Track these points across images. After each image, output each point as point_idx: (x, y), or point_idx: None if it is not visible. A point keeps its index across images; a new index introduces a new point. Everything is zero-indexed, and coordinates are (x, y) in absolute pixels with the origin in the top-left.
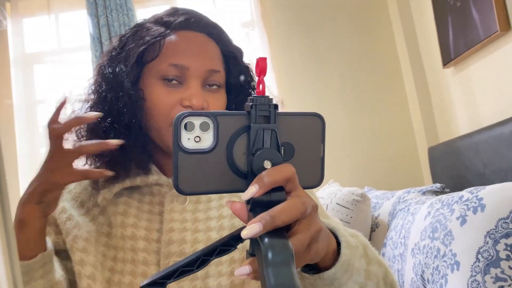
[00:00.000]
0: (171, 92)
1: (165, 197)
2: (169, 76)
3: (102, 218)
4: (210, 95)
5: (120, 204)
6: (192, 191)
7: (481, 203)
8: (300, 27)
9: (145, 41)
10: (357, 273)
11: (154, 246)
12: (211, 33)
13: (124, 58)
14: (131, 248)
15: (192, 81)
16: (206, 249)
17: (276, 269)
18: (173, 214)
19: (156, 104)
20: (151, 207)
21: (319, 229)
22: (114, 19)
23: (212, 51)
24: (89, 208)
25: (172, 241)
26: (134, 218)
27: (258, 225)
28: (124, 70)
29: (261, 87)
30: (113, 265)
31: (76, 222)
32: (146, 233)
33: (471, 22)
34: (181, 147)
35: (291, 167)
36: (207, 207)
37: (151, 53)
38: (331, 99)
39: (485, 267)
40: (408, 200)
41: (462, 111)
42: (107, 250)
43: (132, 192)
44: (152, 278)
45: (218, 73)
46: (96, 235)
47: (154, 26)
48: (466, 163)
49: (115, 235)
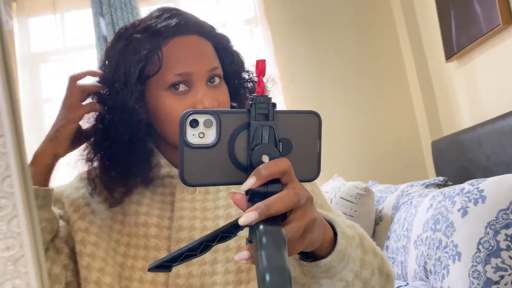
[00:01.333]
0: (182, 99)
1: (176, 187)
2: (176, 85)
3: (117, 207)
4: (215, 91)
5: (134, 194)
6: (197, 183)
7: (482, 195)
8: (303, 23)
9: (143, 55)
10: (352, 262)
11: (165, 233)
12: (202, 32)
13: (123, 77)
14: (143, 235)
15: (198, 85)
16: (209, 236)
17: (269, 252)
18: (183, 203)
19: (170, 113)
20: (163, 197)
21: (313, 219)
22: (119, 18)
23: (207, 49)
24: (106, 197)
25: (182, 227)
26: (147, 207)
27: (254, 213)
28: (125, 90)
29: (260, 86)
30: (126, 250)
31: (93, 209)
32: (158, 220)
33: (474, 15)
34: (187, 142)
35: (286, 161)
36: (215, 197)
37: (152, 67)
38: (335, 94)
39: (485, 257)
40: (411, 194)
41: (465, 104)
42: (120, 236)
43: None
44: (159, 262)
45: (218, 69)
46: (111, 222)
47: (146, 37)
48: (469, 156)
49: (128, 223)
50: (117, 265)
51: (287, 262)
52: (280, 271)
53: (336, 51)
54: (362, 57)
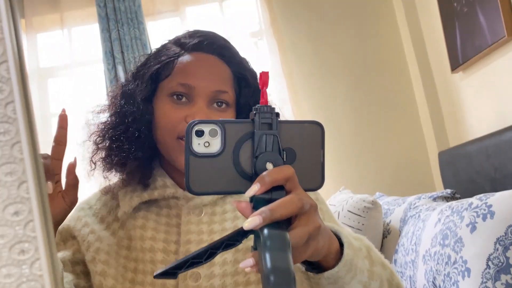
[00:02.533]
0: (178, 108)
1: (182, 209)
2: (177, 94)
3: (122, 232)
4: (216, 114)
5: (139, 218)
6: (202, 191)
7: (490, 210)
8: (309, 35)
9: (161, 60)
10: (360, 273)
11: (172, 258)
12: (223, 55)
13: (141, 76)
14: (150, 260)
15: (198, 100)
16: (214, 243)
17: (273, 254)
18: (189, 226)
19: (163, 119)
20: (168, 219)
21: (318, 227)
22: (126, 33)
23: (220, 72)
24: (109, 223)
25: (189, 252)
26: (152, 231)
27: (258, 217)
28: (139, 86)
29: (264, 97)
30: (134, 276)
31: (98, 236)
32: (164, 245)
33: (478, 27)
34: (192, 151)
35: (290, 168)
36: (222, 218)
37: (165, 72)
38: (341, 106)
39: (495, 273)
40: (419, 207)
41: (472, 115)
42: (127, 262)
43: (150, 206)
44: (165, 268)
45: (225, 93)
46: (117, 248)
47: (173, 47)
48: (477, 168)
49: (134, 248)
50: None
51: (291, 263)
52: (284, 273)
53: (342, 63)
54: (368, 69)
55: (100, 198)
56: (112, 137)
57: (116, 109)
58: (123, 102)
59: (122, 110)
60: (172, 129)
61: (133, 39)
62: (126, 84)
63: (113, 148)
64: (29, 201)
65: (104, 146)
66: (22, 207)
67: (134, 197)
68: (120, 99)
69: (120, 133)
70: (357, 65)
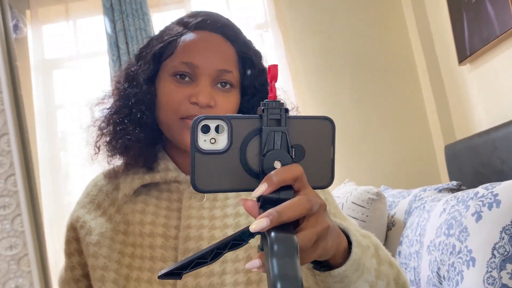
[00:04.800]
0: (181, 88)
1: (183, 194)
2: (180, 73)
3: (118, 217)
4: (220, 94)
5: (138, 203)
6: (208, 189)
7: (497, 199)
8: (315, 27)
9: (164, 39)
10: (367, 272)
11: (171, 243)
12: (227, 34)
13: (144, 56)
14: (149, 245)
15: (202, 79)
16: (220, 243)
17: (280, 260)
18: (190, 211)
19: (166, 99)
20: (169, 203)
21: (327, 227)
22: (130, 24)
23: (225, 51)
24: (105, 209)
25: (189, 238)
26: (152, 216)
27: (265, 220)
28: (142, 67)
29: (272, 92)
30: (131, 261)
31: (88, 229)
32: (164, 230)
33: (487, 18)
34: (198, 148)
35: (299, 167)
36: (224, 204)
37: (167, 51)
38: (347, 98)
39: (501, 262)
40: (424, 198)
41: (479, 108)
42: (124, 247)
43: (150, 190)
44: (169, 269)
45: (229, 73)
46: (113, 233)
47: (176, 27)
48: (483, 160)
49: (132, 233)
50: (121, 277)
51: (299, 270)
52: (292, 280)
53: (348, 55)
54: (374, 61)
55: (96, 184)
56: (116, 121)
57: (120, 93)
58: (126, 85)
59: (125, 93)
60: (175, 109)
61: (138, 30)
62: (129, 67)
63: (117, 131)
64: (16, 195)
65: (108, 131)
66: (10, 201)
67: (135, 179)
68: (123, 83)
69: (124, 116)
70: (363, 57)
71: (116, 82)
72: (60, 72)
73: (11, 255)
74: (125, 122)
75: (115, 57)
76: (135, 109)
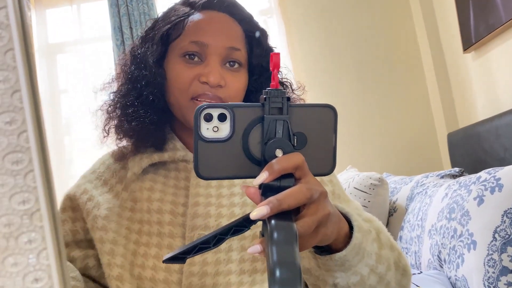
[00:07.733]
0: (191, 68)
1: (191, 172)
2: (189, 53)
3: (125, 194)
4: (229, 74)
5: (146, 181)
6: (211, 176)
7: (499, 183)
8: (318, 14)
9: (171, 20)
10: (368, 256)
11: (179, 220)
12: (234, 14)
13: (151, 38)
14: (157, 222)
15: (212, 58)
16: (222, 229)
17: (279, 247)
18: (198, 189)
19: (175, 80)
20: (177, 182)
21: (327, 214)
22: (134, 8)
23: (233, 29)
24: (112, 185)
25: (197, 214)
26: (160, 193)
27: (266, 207)
28: (149, 48)
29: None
30: (138, 238)
31: (96, 202)
32: (172, 207)
33: (493, 5)
34: (201, 136)
35: (300, 156)
36: (231, 183)
37: (175, 32)
38: (349, 86)
39: (502, 245)
40: (426, 184)
41: (482, 96)
42: (131, 223)
43: (158, 169)
44: (173, 253)
45: (238, 51)
46: (120, 210)
47: (181, 7)
48: (486, 148)
49: (140, 209)
50: (129, 252)
51: (298, 258)
52: (290, 267)
53: (351, 42)
54: (378, 48)
55: (104, 162)
56: (125, 104)
57: (127, 76)
58: (134, 67)
59: (134, 76)
60: (186, 90)
61: (142, 14)
62: (134, 50)
63: (127, 114)
64: (29, 151)
65: (117, 114)
66: (22, 157)
67: (144, 158)
68: (130, 65)
69: (133, 99)
70: (366, 45)
71: (122, 65)
72: (64, 57)
73: (24, 209)
74: (135, 105)
75: (119, 42)
76: (146, 92)
